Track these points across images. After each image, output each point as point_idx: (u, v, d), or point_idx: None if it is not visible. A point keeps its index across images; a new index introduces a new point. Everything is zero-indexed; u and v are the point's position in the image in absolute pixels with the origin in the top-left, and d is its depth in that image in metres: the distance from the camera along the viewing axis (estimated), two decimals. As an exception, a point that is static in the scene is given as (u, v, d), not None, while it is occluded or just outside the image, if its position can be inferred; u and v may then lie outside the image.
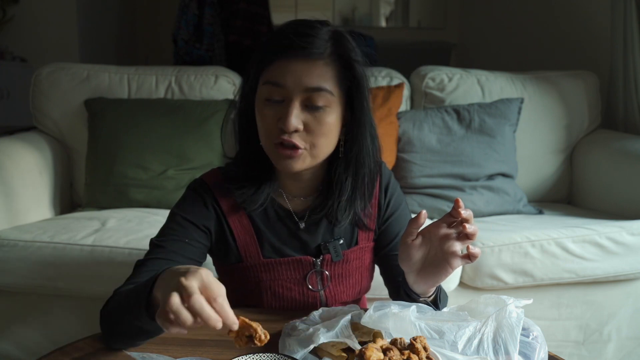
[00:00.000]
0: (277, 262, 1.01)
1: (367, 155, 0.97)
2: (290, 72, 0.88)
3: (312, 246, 1.03)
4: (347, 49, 0.92)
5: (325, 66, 0.90)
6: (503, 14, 3.83)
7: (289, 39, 0.89)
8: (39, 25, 3.37)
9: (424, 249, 0.86)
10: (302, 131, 0.90)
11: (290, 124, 0.88)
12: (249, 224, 1.01)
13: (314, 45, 0.89)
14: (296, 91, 0.89)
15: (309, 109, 0.90)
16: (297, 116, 0.89)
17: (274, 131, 0.91)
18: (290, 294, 1.03)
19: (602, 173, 2.12)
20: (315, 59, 0.89)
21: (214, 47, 3.55)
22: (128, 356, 0.80)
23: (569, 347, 1.77)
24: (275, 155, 0.93)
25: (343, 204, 0.99)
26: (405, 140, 2.03)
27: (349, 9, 5.08)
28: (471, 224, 0.82)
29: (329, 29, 0.92)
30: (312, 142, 0.91)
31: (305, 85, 0.88)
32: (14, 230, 1.65)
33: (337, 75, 0.91)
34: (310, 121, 0.90)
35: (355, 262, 1.06)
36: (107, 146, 1.98)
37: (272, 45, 0.91)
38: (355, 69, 0.93)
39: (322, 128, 0.91)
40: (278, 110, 0.90)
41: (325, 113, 0.90)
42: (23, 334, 1.64)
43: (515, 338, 0.76)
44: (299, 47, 0.88)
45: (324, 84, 0.89)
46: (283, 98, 0.90)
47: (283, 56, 0.89)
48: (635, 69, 2.25)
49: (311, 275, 1.03)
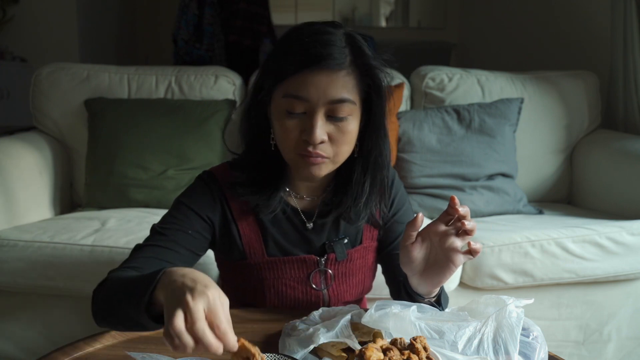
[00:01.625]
0: (281, 261, 1.01)
1: (385, 157, 0.98)
2: (313, 85, 0.87)
3: (316, 245, 1.03)
4: (364, 55, 0.92)
5: (347, 76, 0.89)
6: (503, 14, 3.83)
7: (309, 50, 0.87)
8: (39, 25, 3.37)
9: (424, 250, 0.87)
10: (327, 142, 0.90)
11: (317, 137, 0.88)
12: (255, 221, 1.01)
13: (333, 56, 0.87)
14: (320, 104, 0.88)
15: (332, 119, 0.90)
16: (322, 128, 0.89)
17: (298, 143, 0.90)
18: (293, 292, 1.02)
19: (602, 173, 2.12)
20: (337, 70, 0.88)
21: (214, 47, 3.55)
22: (128, 356, 0.80)
23: (569, 347, 1.77)
24: (300, 164, 0.92)
25: (361, 205, 0.99)
26: (405, 140, 2.03)
27: (349, 9, 5.08)
28: (469, 220, 0.83)
29: (342, 32, 0.92)
30: (336, 151, 0.92)
31: (329, 97, 0.88)
32: (14, 230, 1.65)
33: (358, 84, 0.91)
34: (333, 132, 0.90)
35: (359, 262, 1.06)
36: (107, 146, 1.98)
37: (291, 57, 0.89)
38: (375, 74, 0.93)
39: (345, 137, 0.91)
40: (300, 122, 0.89)
41: (347, 122, 0.91)
42: (23, 334, 1.64)
43: (515, 338, 0.76)
44: (321, 59, 0.87)
45: (346, 95, 0.89)
46: (305, 110, 0.89)
47: (304, 69, 0.87)
48: (635, 69, 2.25)
49: (315, 274, 1.03)
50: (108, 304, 0.84)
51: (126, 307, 0.78)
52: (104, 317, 0.85)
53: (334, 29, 0.91)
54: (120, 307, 0.80)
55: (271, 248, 1.01)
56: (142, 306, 0.73)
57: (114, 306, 0.82)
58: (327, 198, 1.03)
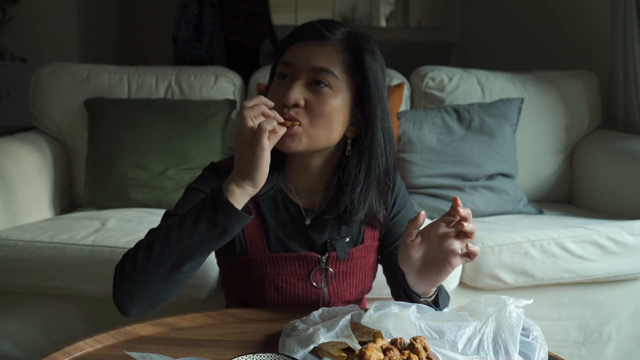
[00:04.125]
0: (282, 257, 1.02)
1: (380, 148, 0.97)
2: (301, 52, 0.93)
3: (318, 243, 1.03)
4: (360, 40, 0.95)
5: (334, 51, 0.93)
6: (503, 14, 3.83)
7: (306, 26, 0.96)
8: (39, 25, 3.37)
9: (423, 248, 0.87)
10: (303, 108, 0.92)
11: (290, 96, 0.91)
12: (258, 217, 1.02)
13: (323, 30, 0.94)
14: (303, 69, 0.92)
15: (312, 87, 0.93)
16: (299, 92, 0.92)
17: (278, 107, 0.91)
18: (293, 289, 1.03)
19: (602, 173, 2.12)
20: (326, 43, 0.93)
21: (214, 47, 3.55)
22: (128, 356, 0.80)
23: (569, 347, 1.77)
24: None
25: (355, 199, 0.98)
26: (405, 140, 2.03)
27: (349, 9, 5.07)
28: (470, 222, 0.83)
29: (352, 27, 0.98)
30: (311, 120, 0.92)
31: (311, 64, 0.92)
32: (14, 230, 1.65)
33: (346, 63, 0.94)
34: (312, 99, 0.92)
35: (360, 261, 1.06)
36: (107, 146, 1.98)
37: (292, 32, 0.97)
38: (365, 59, 0.94)
39: (323, 107, 0.92)
40: (285, 87, 0.93)
41: (327, 94, 0.92)
42: (23, 334, 1.64)
43: (515, 338, 0.76)
44: (312, 31, 0.94)
45: (329, 66, 0.92)
46: (292, 77, 0.94)
47: (298, 39, 0.95)
48: (635, 69, 2.25)
49: (315, 272, 1.03)
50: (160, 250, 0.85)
51: (192, 228, 0.85)
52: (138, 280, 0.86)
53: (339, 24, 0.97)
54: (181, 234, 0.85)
55: (273, 244, 1.02)
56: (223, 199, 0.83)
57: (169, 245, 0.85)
58: (328, 196, 1.03)
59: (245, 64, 3.18)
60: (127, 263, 0.87)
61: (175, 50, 3.58)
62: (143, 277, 0.86)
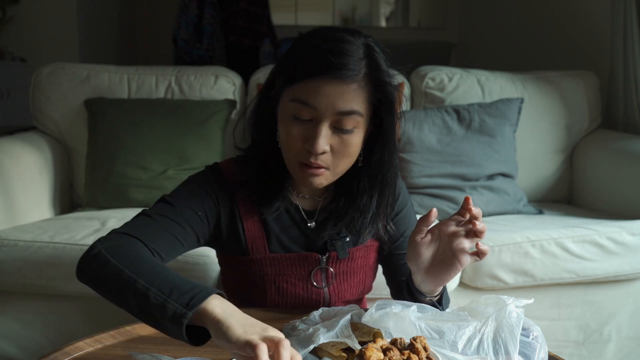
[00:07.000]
0: (282, 257, 1.01)
1: (394, 173, 0.97)
2: (323, 94, 0.86)
3: (318, 243, 1.03)
4: (380, 70, 0.90)
5: (359, 89, 0.87)
6: (503, 14, 3.83)
7: (324, 57, 0.85)
8: (39, 25, 3.37)
9: (433, 247, 0.87)
10: (328, 153, 0.89)
11: (319, 147, 0.87)
12: (259, 218, 1.01)
13: (348, 67, 0.86)
14: (327, 114, 0.87)
15: (337, 131, 0.88)
16: (325, 138, 0.88)
17: (300, 150, 0.89)
18: (294, 289, 1.03)
19: (602, 173, 2.12)
20: (349, 82, 0.86)
21: (214, 47, 3.55)
22: (128, 356, 0.80)
23: (569, 347, 1.77)
24: (299, 173, 0.92)
25: (368, 220, 0.98)
26: (405, 140, 2.03)
27: (349, 9, 5.07)
28: (480, 221, 0.83)
29: (362, 42, 0.89)
30: (336, 163, 0.91)
31: (337, 108, 0.86)
32: (14, 230, 1.65)
33: (369, 97, 0.89)
34: (336, 143, 0.89)
35: (361, 260, 1.06)
36: (107, 146, 1.98)
37: (305, 61, 0.88)
38: (387, 90, 0.91)
39: (348, 150, 0.90)
40: (305, 129, 0.88)
41: (352, 135, 0.89)
42: (23, 334, 1.64)
43: (515, 338, 0.76)
44: (335, 69, 0.85)
45: (356, 107, 0.87)
46: (312, 118, 0.88)
47: (316, 76, 0.86)
48: (635, 69, 2.25)
49: (316, 272, 1.03)
50: (119, 281, 0.79)
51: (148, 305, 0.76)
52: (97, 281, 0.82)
53: (354, 38, 0.89)
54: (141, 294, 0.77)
55: (273, 245, 1.02)
56: (183, 321, 0.72)
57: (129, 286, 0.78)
58: (329, 198, 1.03)
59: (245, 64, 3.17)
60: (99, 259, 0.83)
61: (175, 50, 3.58)
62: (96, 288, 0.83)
